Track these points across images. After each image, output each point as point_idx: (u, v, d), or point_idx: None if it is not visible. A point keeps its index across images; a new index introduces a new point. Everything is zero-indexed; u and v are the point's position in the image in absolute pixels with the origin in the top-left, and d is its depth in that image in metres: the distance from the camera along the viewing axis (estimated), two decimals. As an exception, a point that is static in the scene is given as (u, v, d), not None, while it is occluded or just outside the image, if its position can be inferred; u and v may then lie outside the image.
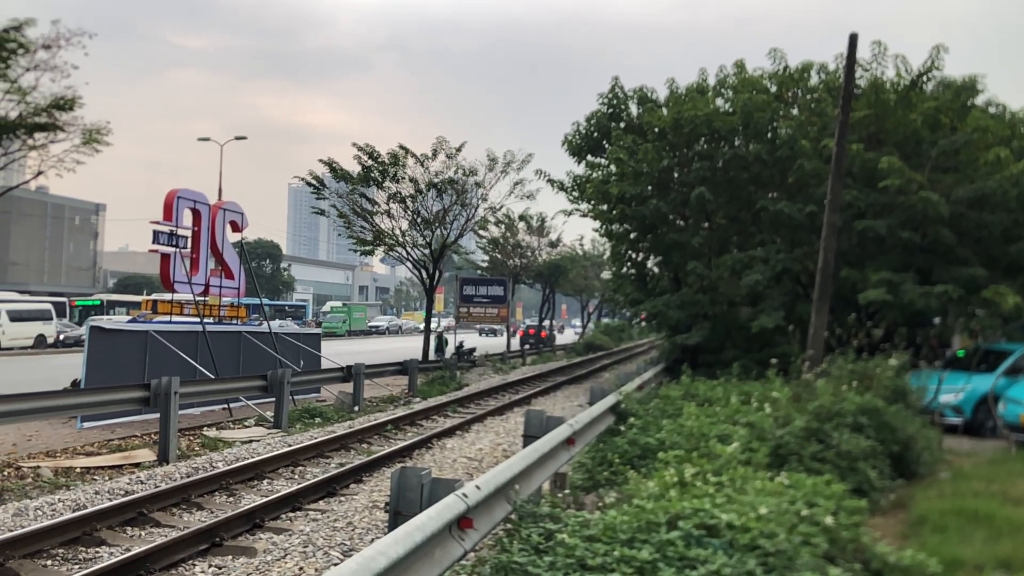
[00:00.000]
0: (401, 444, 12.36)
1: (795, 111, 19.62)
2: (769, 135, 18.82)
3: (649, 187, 19.72)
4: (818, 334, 13.40)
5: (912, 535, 7.08)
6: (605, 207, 21.17)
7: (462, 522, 5.00)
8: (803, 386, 10.74)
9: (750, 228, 19.46)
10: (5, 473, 10.02)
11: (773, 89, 19.51)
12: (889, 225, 16.29)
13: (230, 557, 6.95)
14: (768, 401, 10.03)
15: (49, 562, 6.80)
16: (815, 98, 19.14)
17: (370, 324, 73.86)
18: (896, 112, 17.27)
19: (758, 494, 5.92)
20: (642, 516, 5.21)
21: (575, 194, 23.42)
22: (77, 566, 6.72)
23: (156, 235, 16.32)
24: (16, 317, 39.45)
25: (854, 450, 8.35)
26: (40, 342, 39.76)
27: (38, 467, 10.36)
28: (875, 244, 16.95)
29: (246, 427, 14.43)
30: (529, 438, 8.32)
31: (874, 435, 9.04)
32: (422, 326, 59.85)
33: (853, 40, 14.32)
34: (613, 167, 20.45)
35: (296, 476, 10.42)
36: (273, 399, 14.71)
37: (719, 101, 20.17)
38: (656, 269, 22.50)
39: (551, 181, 23.80)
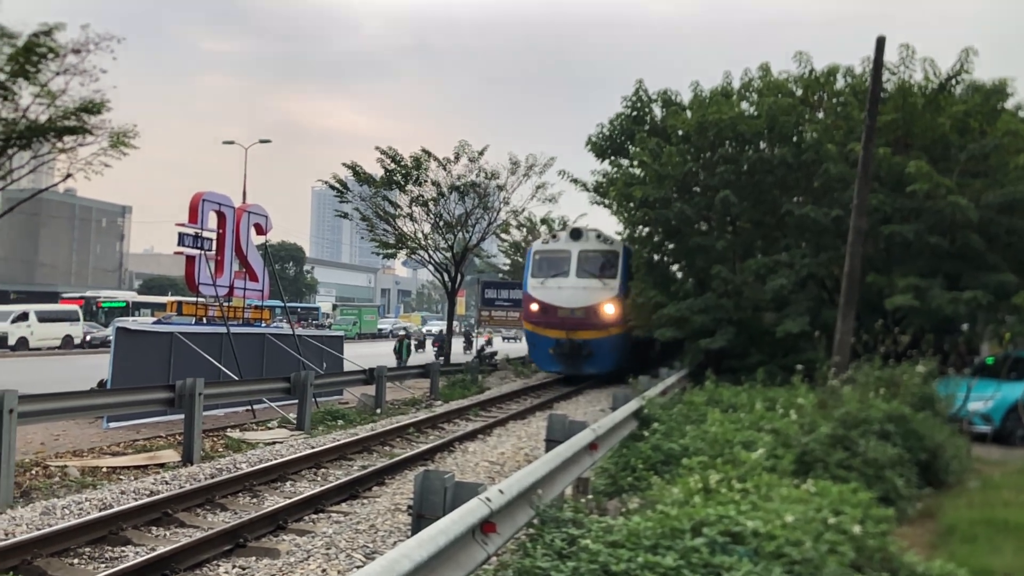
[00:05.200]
0: (423, 447, 12.37)
1: (821, 115, 19.48)
2: (794, 139, 18.70)
3: (673, 190, 19.66)
4: (844, 340, 13.26)
5: (941, 545, 6.97)
6: (629, 206, 21.18)
7: (485, 526, 4.98)
8: (829, 392, 10.62)
9: (774, 232, 19.33)
10: (33, 472, 10.15)
11: (799, 93, 19.41)
12: (917, 230, 16.12)
13: (254, 558, 6.98)
14: (793, 407, 9.95)
15: (76, 560, 6.86)
16: (841, 102, 18.99)
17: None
18: (924, 116, 17.09)
19: (783, 501, 5.86)
20: (666, 522, 5.17)
21: (599, 192, 23.51)
22: (103, 565, 6.78)
23: (181, 237, 16.44)
24: (44, 318, 40.11)
25: (881, 458, 8.24)
26: (67, 342, 40.35)
27: (65, 466, 10.47)
28: (902, 249, 16.78)
29: (269, 428, 14.51)
30: (552, 443, 8.28)
31: (901, 443, 8.92)
32: (423, 329, 59.62)
33: (880, 43, 14.18)
34: (637, 170, 20.42)
35: (319, 478, 10.46)
36: (296, 401, 14.78)
37: (744, 104, 20.08)
38: (679, 273, 22.42)
39: (575, 181, 23.94)
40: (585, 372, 23.35)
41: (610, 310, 22.70)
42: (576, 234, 24.12)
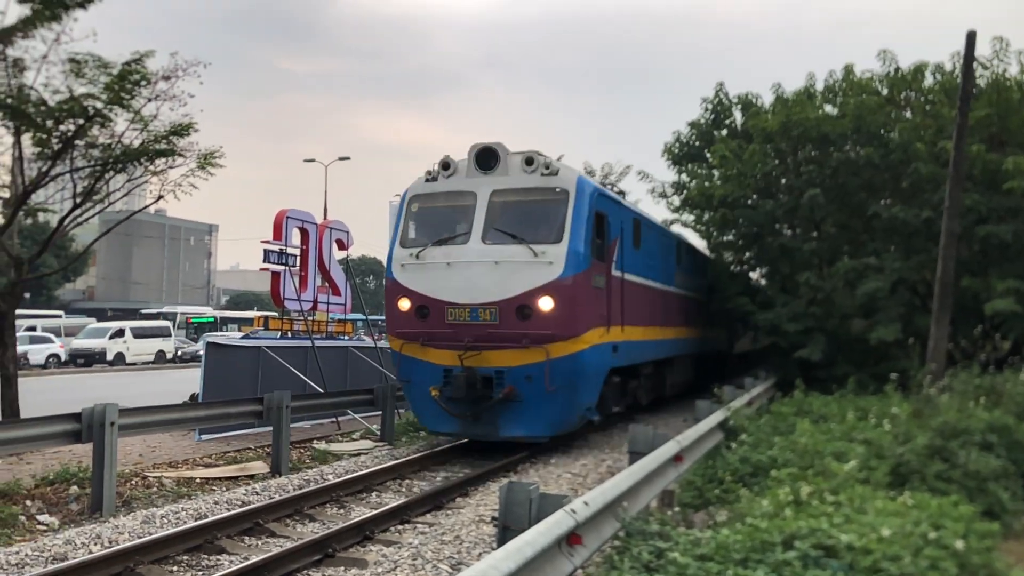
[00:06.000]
0: (505, 459, 12.38)
1: (908, 114, 18.87)
2: (881, 139, 18.15)
3: (754, 193, 19.30)
4: (939, 347, 12.77)
5: (1051, 561, 6.62)
6: (707, 215, 20.84)
7: (571, 538, 4.96)
8: (924, 402, 10.24)
9: (861, 236, 18.75)
10: (133, 482, 10.56)
11: (884, 92, 18.84)
12: (1015, 230, 15.45)
13: (342, 568, 7.10)
14: (887, 417, 9.63)
15: (174, 568, 7.10)
16: (930, 100, 18.36)
17: None
18: (1020, 111, 16.38)
19: (879, 514, 5.67)
20: (756, 535, 5.06)
21: (676, 202, 23.17)
22: (200, 573, 7.00)
23: (266, 254, 16.87)
24: (139, 334, 41.98)
25: (983, 470, 7.90)
26: (160, 357, 42.10)
27: (162, 477, 10.87)
28: (999, 251, 16.09)
29: (354, 440, 14.75)
30: (635, 455, 8.19)
31: (1005, 454, 8.54)
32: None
33: (971, 38, 13.67)
34: (716, 172, 20.10)
35: (403, 489, 10.58)
36: (379, 412, 15.00)
37: (828, 107, 19.61)
38: (762, 281, 21.93)
39: (653, 190, 23.64)
40: (504, 435, 12.01)
41: (547, 305, 11.40)
42: (486, 159, 12.27)
